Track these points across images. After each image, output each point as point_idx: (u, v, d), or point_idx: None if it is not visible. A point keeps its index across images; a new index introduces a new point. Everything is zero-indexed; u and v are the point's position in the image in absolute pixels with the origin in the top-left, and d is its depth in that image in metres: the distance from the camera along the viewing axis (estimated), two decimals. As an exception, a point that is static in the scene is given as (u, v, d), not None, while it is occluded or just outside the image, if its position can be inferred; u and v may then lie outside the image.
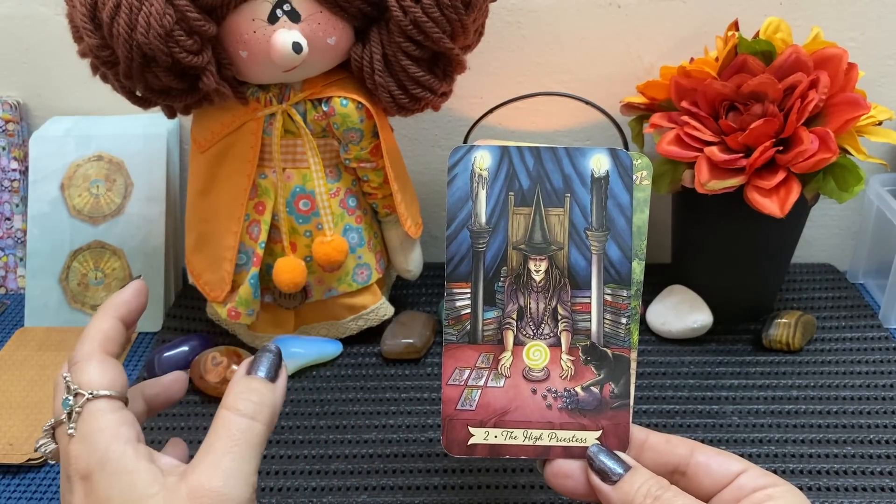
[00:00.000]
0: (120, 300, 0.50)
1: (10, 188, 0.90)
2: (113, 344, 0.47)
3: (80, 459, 0.42)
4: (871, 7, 0.81)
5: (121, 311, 0.49)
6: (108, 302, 0.50)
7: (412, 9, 0.62)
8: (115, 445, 0.42)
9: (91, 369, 0.45)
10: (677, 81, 0.72)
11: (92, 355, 0.46)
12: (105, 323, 0.48)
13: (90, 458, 0.42)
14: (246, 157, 0.70)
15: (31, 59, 0.88)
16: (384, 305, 0.79)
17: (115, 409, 0.44)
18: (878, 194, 0.82)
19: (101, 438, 0.42)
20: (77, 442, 0.43)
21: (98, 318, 0.48)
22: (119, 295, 0.50)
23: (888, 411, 0.69)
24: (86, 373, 0.45)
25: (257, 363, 0.47)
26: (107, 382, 0.44)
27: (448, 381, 0.48)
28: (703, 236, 0.79)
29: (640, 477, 0.44)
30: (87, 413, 0.43)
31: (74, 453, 0.42)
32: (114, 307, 0.49)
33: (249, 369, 0.47)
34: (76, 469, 0.42)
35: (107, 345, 0.47)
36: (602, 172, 0.48)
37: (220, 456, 0.42)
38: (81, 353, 0.46)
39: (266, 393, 0.46)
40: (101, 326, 0.48)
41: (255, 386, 0.46)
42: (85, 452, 0.42)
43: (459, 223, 0.49)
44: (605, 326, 0.48)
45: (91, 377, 0.44)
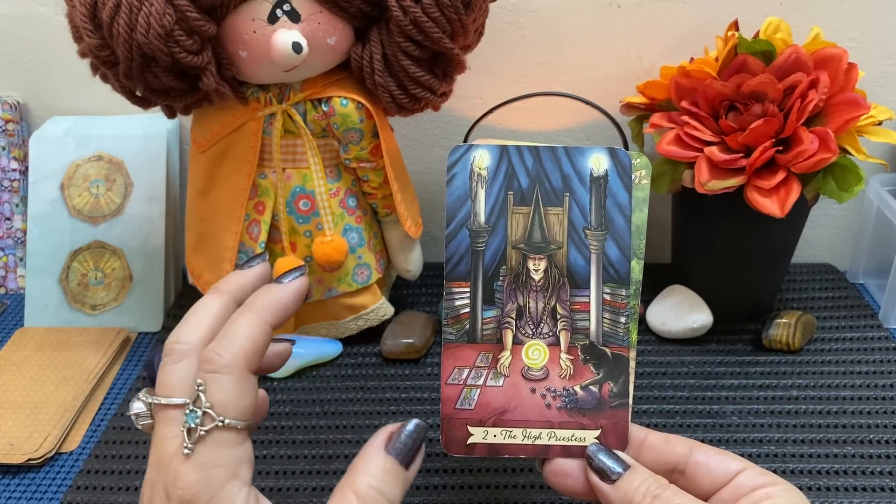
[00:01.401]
0: (279, 304, 0.44)
1: (10, 188, 0.90)
2: (258, 357, 0.43)
3: (189, 487, 0.39)
4: (871, 7, 0.81)
5: (278, 316, 0.44)
6: (263, 301, 0.44)
7: (412, 9, 0.62)
8: (230, 488, 0.40)
9: (230, 389, 0.41)
10: (677, 81, 0.72)
11: (235, 369, 0.41)
12: (259, 331, 0.43)
13: (200, 493, 0.39)
14: (246, 157, 0.70)
15: (31, 59, 0.88)
16: (384, 305, 0.79)
17: (239, 442, 0.41)
18: (878, 194, 0.82)
19: (217, 475, 0.40)
20: (191, 467, 0.40)
21: (251, 320, 0.43)
22: (278, 294, 0.45)
23: (888, 411, 0.69)
24: (223, 391, 0.41)
25: (399, 441, 0.44)
26: (241, 409, 0.41)
27: (447, 380, 0.48)
28: (703, 236, 0.78)
29: (640, 476, 0.44)
30: (211, 441, 0.40)
31: (184, 478, 0.39)
32: (271, 311, 0.44)
33: (388, 444, 0.44)
34: (182, 496, 0.39)
35: (252, 358, 0.42)
36: (601, 172, 0.48)
37: None
38: (224, 363, 0.41)
39: (398, 485, 0.43)
40: (254, 335, 0.42)
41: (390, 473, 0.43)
42: (196, 483, 0.39)
43: (458, 222, 0.49)
44: (604, 325, 0.48)
45: (227, 399, 0.41)
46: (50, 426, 0.70)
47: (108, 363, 0.78)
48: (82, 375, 0.76)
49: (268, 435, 0.69)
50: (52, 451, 0.68)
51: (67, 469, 0.67)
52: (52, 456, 0.68)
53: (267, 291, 0.45)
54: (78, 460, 0.68)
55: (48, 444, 0.68)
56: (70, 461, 0.68)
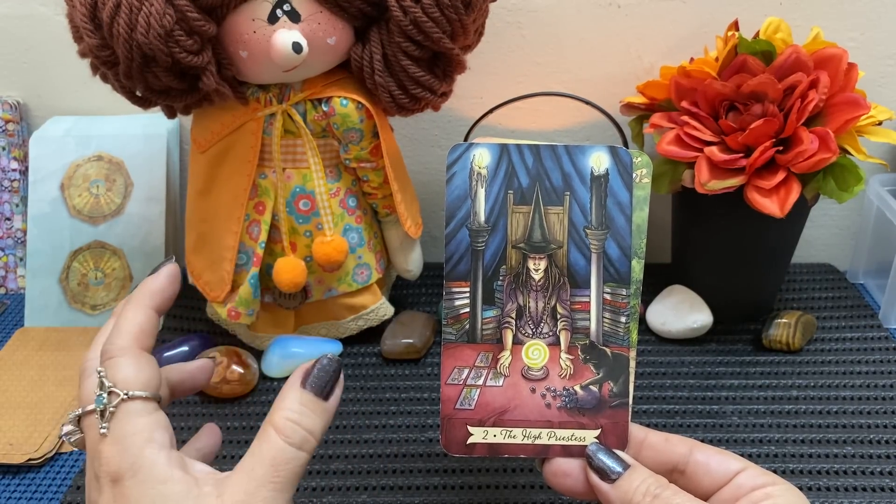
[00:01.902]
0: (155, 288, 0.47)
1: (10, 188, 0.90)
2: (148, 337, 0.46)
3: (112, 462, 0.41)
4: (871, 7, 0.81)
5: (156, 300, 0.47)
6: (141, 290, 0.47)
7: (412, 9, 0.62)
8: (149, 451, 0.41)
9: (127, 366, 0.43)
10: (677, 81, 0.72)
11: (127, 350, 0.44)
12: (140, 314, 0.46)
13: (122, 462, 0.41)
14: (246, 157, 0.70)
15: (31, 59, 0.88)
16: (384, 305, 0.79)
17: (149, 410, 0.43)
18: (878, 194, 0.82)
19: (134, 442, 0.41)
20: (109, 443, 0.42)
21: (132, 307, 0.46)
22: (153, 282, 0.48)
23: (888, 411, 0.69)
24: (121, 369, 0.43)
25: (313, 375, 0.45)
26: (143, 381, 0.43)
27: (447, 380, 0.48)
28: (703, 236, 0.79)
29: (640, 475, 0.44)
30: (121, 414, 0.42)
31: (106, 454, 0.41)
32: (149, 296, 0.47)
33: (304, 380, 0.45)
34: (107, 471, 0.41)
35: (142, 338, 0.45)
36: (601, 171, 0.48)
37: (259, 484, 0.41)
38: (116, 347, 0.44)
39: (317, 416, 0.44)
40: (137, 318, 0.46)
41: (307, 406, 0.44)
42: (117, 455, 0.41)
43: (458, 222, 0.48)
44: (604, 325, 0.48)
45: (126, 375, 0.43)
46: (50, 426, 0.70)
47: (108, 363, 0.78)
48: (82, 375, 0.76)
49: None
50: (52, 451, 0.68)
51: (67, 469, 0.67)
52: (52, 456, 0.68)
53: (144, 282, 0.48)
54: (78, 460, 0.68)
55: (48, 444, 0.68)
56: (70, 461, 0.68)
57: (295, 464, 0.43)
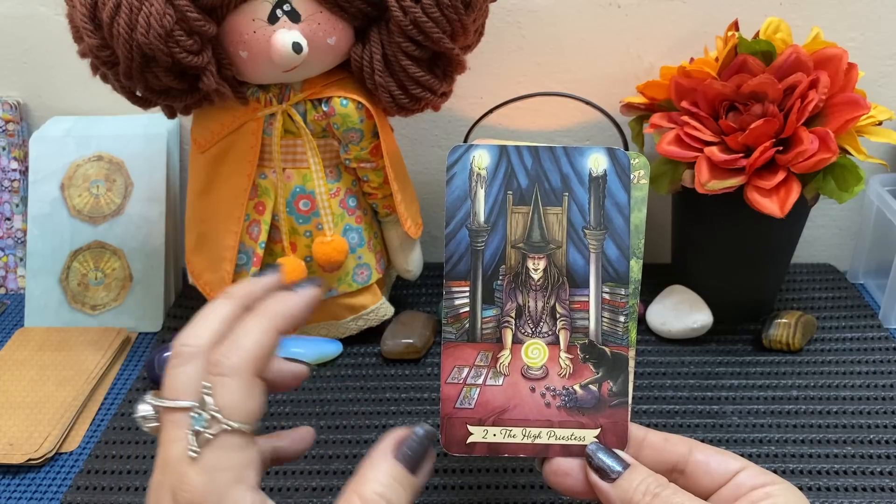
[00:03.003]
0: (289, 311, 0.44)
1: (10, 188, 0.90)
2: (265, 362, 0.43)
3: (196, 492, 0.39)
4: (871, 7, 0.81)
5: (286, 323, 0.44)
6: (273, 308, 0.44)
7: (412, 9, 0.62)
8: (236, 492, 0.40)
9: (238, 392, 0.41)
10: (677, 81, 0.72)
11: (242, 373, 0.41)
12: (267, 338, 0.43)
13: (207, 496, 0.39)
14: (246, 157, 0.70)
15: (31, 59, 0.89)
16: (384, 305, 0.79)
17: (245, 445, 0.41)
18: (878, 194, 0.82)
19: (223, 479, 0.40)
20: (198, 471, 0.39)
21: (258, 323, 0.43)
22: (289, 302, 0.45)
23: (888, 411, 0.69)
24: (231, 395, 0.40)
25: (407, 446, 0.44)
26: (248, 413, 0.41)
27: (447, 379, 0.48)
28: (703, 236, 0.78)
29: (639, 474, 0.44)
30: (217, 444, 0.40)
31: (191, 480, 0.39)
32: (282, 319, 0.44)
33: (396, 450, 0.44)
34: (188, 498, 0.39)
35: (259, 363, 0.42)
36: (600, 171, 0.48)
37: None
38: (231, 366, 0.41)
39: (405, 492, 0.43)
40: (262, 341, 0.42)
41: (398, 480, 0.43)
42: (203, 486, 0.39)
43: (458, 222, 0.49)
44: (603, 325, 0.48)
45: (234, 402, 0.40)
46: (50, 426, 0.70)
47: (108, 363, 0.78)
48: (82, 375, 0.76)
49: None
50: (52, 451, 0.68)
51: (67, 469, 0.67)
52: (52, 456, 0.68)
53: (278, 298, 0.45)
54: (78, 460, 0.68)
55: (48, 444, 0.68)
56: (70, 461, 0.68)
57: None
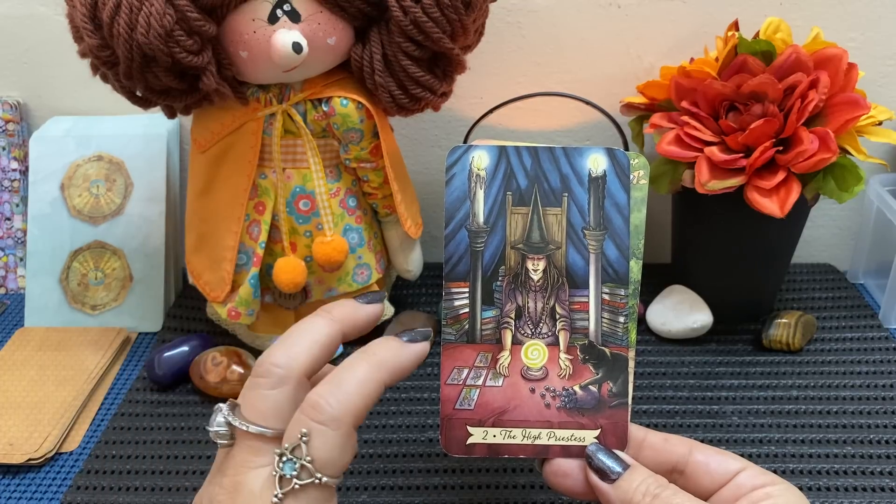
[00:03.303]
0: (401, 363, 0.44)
1: (10, 188, 0.90)
2: (365, 414, 0.42)
3: None
4: (871, 7, 0.81)
5: (394, 376, 0.44)
6: (384, 356, 0.44)
7: (412, 9, 0.62)
8: None
9: (333, 445, 0.40)
10: (677, 81, 0.72)
11: (343, 425, 0.40)
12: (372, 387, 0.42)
13: None
14: (246, 157, 0.70)
15: (31, 59, 0.89)
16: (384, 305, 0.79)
17: (328, 499, 0.40)
18: (878, 194, 0.82)
19: None
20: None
21: (368, 374, 0.42)
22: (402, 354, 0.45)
23: (888, 411, 0.69)
24: (327, 446, 0.40)
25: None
26: (340, 468, 0.40)
27: (446, 380, 0.48)
28: (703, 236, 0.78)
29: (639, 475, 0.44)
30: (302, 495, 0.39)
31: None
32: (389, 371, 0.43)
33: None
34: None
35: (361, 415, 0.41)
36: (599, 172, 0.48)
37: None
38: (332, 414, 0.40)
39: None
40: (367, 390, 0.41)
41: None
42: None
43: (457, 223, 0.49)
44: (603, 325, 0.48)
45: (329, 456, 0.40)
46: (50, 426, 0.70)
47: (108, 363, 0.78)
48: (82, 375, 0.76)
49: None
50: (52, 451, 0.68)
51: (67, 469, 0.67)
52: (52, 456, 0.68)
53: (390, 346, 0.44)
54: (78, 460, 0.68)
55: (48, 444, 0.68)
56: (70, 461, 0.68)
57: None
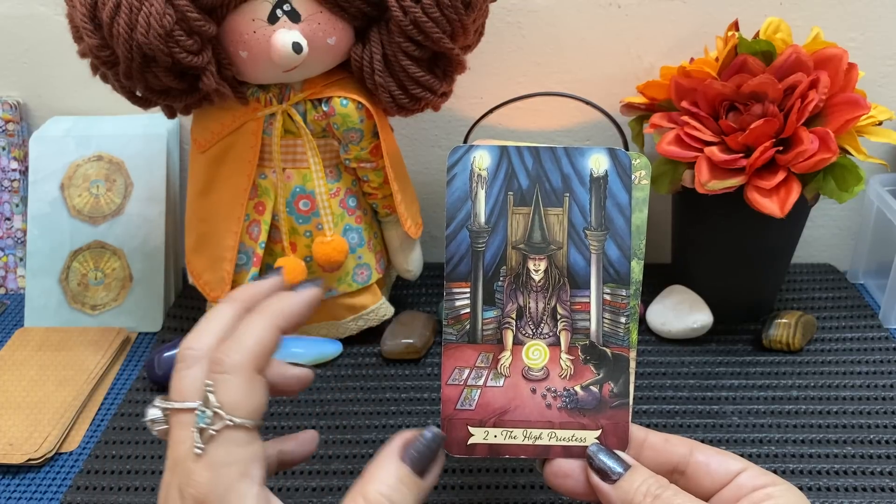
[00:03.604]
0: (290, 309, 0.45)
1: (10, 188, 0.90)
2: (266, 360, 0.43)
3: (202, 487, 0.40)
4: (871, 7, 0.81)
5: (288, 323, 0.45)
6: (274, 306, 0.45)
7: (412, 9, 0.62)
8: (241, 487, 0.40)
9: (239, 389, 0.41)
10: (677, 81, 0.72)
11: (243, 370, 0.41)
12: (268, 334, 0.43)
13: (211, 491, 0.40)
14: (246, 157, 0.70)
15: (31, 59, 0.88)
16: (384, 305, 0.79)
17: (250, 441, 0.41)
18: (878, 194, 0.82)
19: (228, 474, 0.40)
20: (203, 466, 0.40)
21: (259, 321, 0.44)
22: (290, 301, 0.45)
23: (888, 411, 0.69)
24: (232, 391, 0.41)
25: (414, 448, 0.44)
26: (251, 409, 0.41)
27: (447, 380, 0.48)
28: (703, 236, 0.78)
29: (640, 475, 0.44)
30: (221, 440, 0.40)
31: (197, 477, 0.40)
32: (282, 316, 0.44)
33: (403, 452, 0.44)
34: (194, 493, 0.40)
35: (261, 360, 0.43)
36: (601, 172, 0.48)
37: None
38: (232, 363, 0.41)
39: (411, 495, 0.43)
40: (262, 338, 0.43)
41: (404, 482, 0.43)
42: (208, 481, 0.40)
43: (458, 223, 0.49)
44: (604, 326, 0.48)
45: (236, 398, 0.41)
46: (50, 426, 0.70)
47: (108, 363, 0.78)
48: (82, 375, 0.76)
49: (268, 435, 0.69)
50: (52, 451, 0.68)
51: (67, 469, 0.67)
52: (52, 456, 0.68)
53: (279, 296, 0.46)
54: (78, 460, 0.68)
55: (48, 444, 0.68)
56: (70, 461, 0.68)
57: None
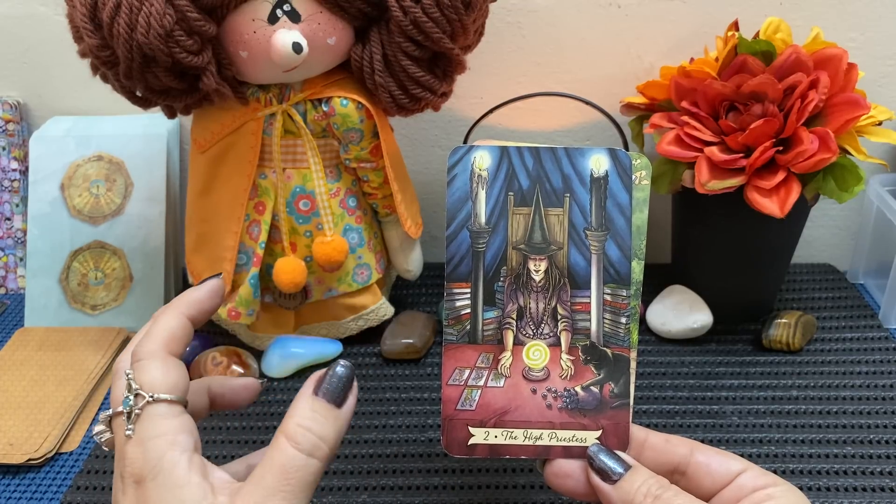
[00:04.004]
0: (193, 298, 0.49)
1: (10, 188, 0.90)
2: (178, 344, 0.46)
3: (135, 463, 0.42)
4: (871, 7, 0.81)
5: (192, 309, 0.48)
6: (179, 298, 0.49)
7: (412, 9, 0.62)
8: (171, 454, 0.42)
9: (154, 369, 0.44)
10: (677, 81, 0.72)
11: (156, 354, 0.45)
12: (173, 321, 0.47)
13: (144, 465, 0.41)
14: (246, 157, 0.70)
15: (31, 59, 0.88)
16: (384, 305, 0.79)
17: (174, 414, 0.43)
18: (878, 194, 0.82)
19: (157, 445, 0.42)
20: (133, 444, 0.42)
21: (167, 314, 0.47)
22: (193, 292, 0.49)
23: (888, 411, 0.69)
24: (148, 372, 0.44)
25: (326, 382, 0.45)
26: (169, 385, 0.44)
27: (448, 381, 0.48)
28: (703, 236, 0.78)
29: (641, 476, 0.44)
30: (146, 416, 0.43)
31: (130, 455, 0.42)
32: (185, 304, 0.48)
33: (316, 388, 0.45)
34: (130, 472, 0.42)
35: (172, 344, 0.46)
36: (601, 172, 0.48)
37: (269, 493, 0.41)
38: (145, 351, 0.45)
39: (329, 423, 0.44)
40: (169, 324, 0.47)
41: (319, 412, 0.44)
42: (140, 457, 0.42)
43: (459, 223, 0.49)
44: (604, 326, 0.48)
45: (153, 378, 0.44)
46: (50, 426, 0.70)
47: (108, 363, 0.78)
48: (82, 375, 0.76)
49: (268, 435, 0.69)
50: (52, 451, 0.68)
51: (67, 469, 0.67)
52: (52, 456, 0.68)
53: (188, 290, 0.50)
54: (78, 460, 0.68)
55: (48, 444, 0.68)
56: (70, 461, 0.68)
57: (306, 471, 0.42)
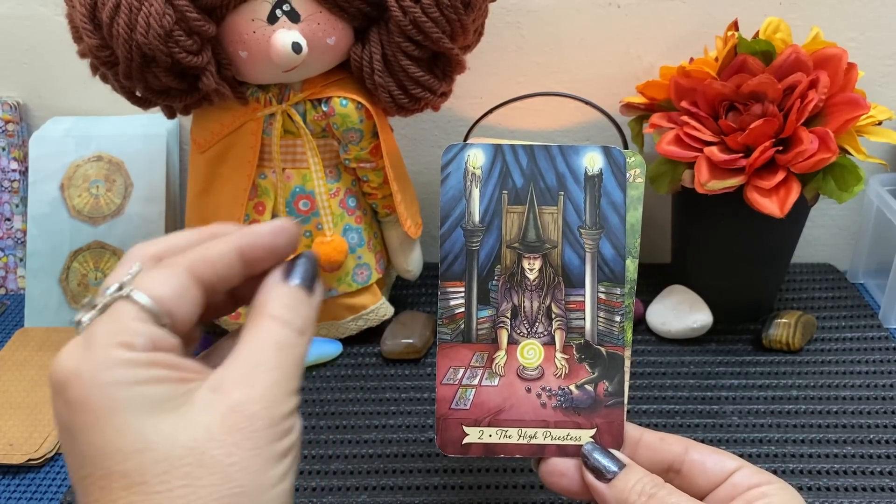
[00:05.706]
0: (255, 231, 0.39)
1: (10, 188, 0.90)
2: (210, 269, 0.37)
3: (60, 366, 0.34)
4: (871, 7, 0.80)
5: (250, 243, 0.39)
6: (239, 233, 0.39)
7: (412, 9, 0.62)
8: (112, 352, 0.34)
9: (163, 277, 0.36)
10: (677, 81, 0.72)
11: (178, 265, 0.36)
12: (221, 246, 0.38)
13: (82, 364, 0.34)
14: (246, 157, 0.70)
15: (31, 59, 0.89)
16: (384, 305, 0.79)
17: (144, 320, 0.35)
18: (878, 194, 0.82)
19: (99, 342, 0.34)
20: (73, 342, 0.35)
21: (220, 243, 0.38)
22: (256, 227, 0.40)
23: (888, 411, 0.69)
24: (154, 277, 0.36)
25: (298, 268, 0.40)
26: (161, 295, 0.35)
27: (442, 380, 0.48)
28: (703, 236, 0.78)
29: (635, 475, 0.44)
30: (108, 313, 0.35)
31: (59, 355, 0.35)
32: (244, 236, 0.39)
33: (287, 275, 0.40)
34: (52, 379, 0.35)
35: (202, 266, 0.37)
36: (595, 170, 0.48)
37: (266, 369, 0.36)
38: (171, 261, 0.37)
39: (307, 307, 0.40)
40: (216, 248, 0.38)
41: (299, 296, 0.39)
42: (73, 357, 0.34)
43: (453, 222, 0.48)
44: (599, 324, 0.48)
45: (154, 282, 0.35)
46: (50, 426, 0.70)
47: (109, 363, 0.78)
48: (82, 375, 0.76)
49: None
50: (52, 451, 0.68)
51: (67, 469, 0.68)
52: (52, 456, 0.68)
53: (249, 227, 0.40)
54: (77, 460, 0.68)
55: (48, 444, 0.68)
56: (69, 461, 0.68)
57: (297, 351, 0.38)
